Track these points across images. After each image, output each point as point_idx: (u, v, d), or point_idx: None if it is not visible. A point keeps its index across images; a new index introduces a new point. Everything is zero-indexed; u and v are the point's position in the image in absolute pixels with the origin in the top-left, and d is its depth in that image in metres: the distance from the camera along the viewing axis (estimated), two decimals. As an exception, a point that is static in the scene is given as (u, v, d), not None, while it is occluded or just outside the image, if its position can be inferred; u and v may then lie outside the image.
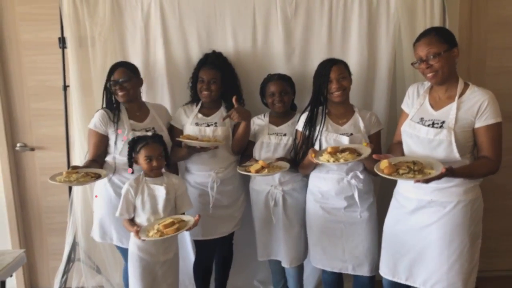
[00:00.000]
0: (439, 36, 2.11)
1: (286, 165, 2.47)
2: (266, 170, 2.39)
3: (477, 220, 2.17)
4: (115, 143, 2.54)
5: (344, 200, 2.46)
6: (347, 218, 2.49)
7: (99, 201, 2.64)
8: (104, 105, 2.63)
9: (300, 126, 2.55)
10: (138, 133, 2.55)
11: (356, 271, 2.54)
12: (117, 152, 2.55)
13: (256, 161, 2.55)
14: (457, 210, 2.11)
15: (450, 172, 1.96)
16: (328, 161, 2.21)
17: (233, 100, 2.55)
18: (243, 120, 2.56)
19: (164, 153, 2.46)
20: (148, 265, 2.40)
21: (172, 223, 2.23)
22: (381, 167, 2.04)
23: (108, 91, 2.60)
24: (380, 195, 2.64)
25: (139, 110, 2.66)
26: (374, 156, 2.14)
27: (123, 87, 2.55)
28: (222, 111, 2.72)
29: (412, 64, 2.21)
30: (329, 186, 2.48)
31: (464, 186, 2.11)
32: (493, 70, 3.07)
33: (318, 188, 2.53)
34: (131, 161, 2.44)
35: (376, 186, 2.62)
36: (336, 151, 2.24)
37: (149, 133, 2.55)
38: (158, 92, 2.93)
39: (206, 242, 2.74)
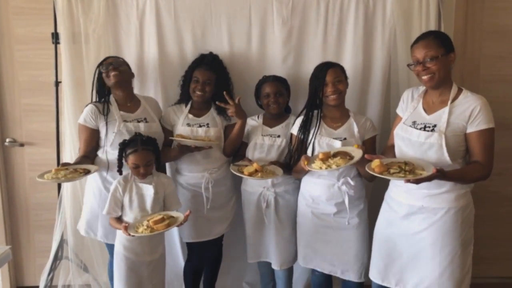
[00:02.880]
0: (437, 40, 2.11)
1: (280, 171, 2.47)
2: (259, 174, 2.38)
3: (468, 226, 2.17)
4: (106, 135, 2.52)
5: (334, 206, 2.45)
6: (336, 224, 2.48)
7: (89, 195, 2.63)
8: (95, 95, 2.61)
9: (295, 129, 2.54)
10: (130, 125, 2.54)
11: (344, 275, 2.53)
12: (108, 144, 2.52)
13: (250, 160, 2.55)
14: (448, 217, 2.11)
15: (441, 173, 1.95)
16: (321, 168, 2.20)
17: (224, 93, 2.54)
18: (238, 118, 2.56)
19: (155, 157, 2.42)
20: (134, 265, 2.37)
21: (162, 219, 2.21)
22: (372, 166, 2.04)
23: (99, 81, 2.58)
24: (372, 201, 2.63)
25: (130, 101, 2.64)
26: (366, 156, 2.13)
27: (115, 67, 2.52)
28: (212, 112, 2.71)
29: (408, 65, 2.21)
30: (319, 191, 2.47)
31: (455, 192, 2.11)
32: (487, 78, 3.09)
33: (309, 193, 2.52)
34: (121, 162, 2.42)
35: (367, 191, 2.61)
36: (328, 157, 2.23)
37: (141, 124, 2.54)
38: (151, 90, 2.90)
39: (199, 244, 2.72)
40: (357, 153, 2.23)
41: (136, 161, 2.34)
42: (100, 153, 2.58)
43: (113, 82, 2.53)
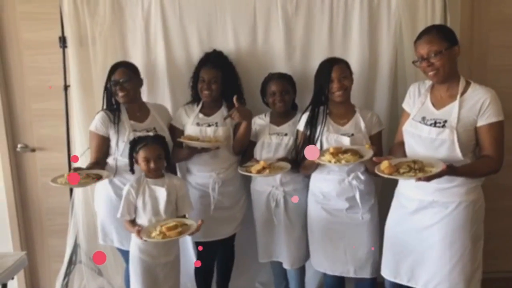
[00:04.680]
0: (440, 34, 2.09)
1: (287, 165, 2.46)
2: (267, 171, 2.38)
3: (479, 221, 2.16)
4: (117, 144, 2.53)
5: (345, 201, 2.45)
6: (348, 220, 2.48)
7: (99, 202, 2.64)
8: (105, 106, 2.61)
9: (301, 126, 2.54)
10: (139, 134, 2.54)
11: (357, 273, 2.52)
12: (118, 153, 2.54)
13: (257, 161, 2.54)
14: (458, 211, 2.10)
15: (451, 169, 1.95)
16: (330, 161, 2.20)
17: (234, 99, 2.54)
18: (244, 120, 2.55)
19: (164, 154, 2.44)
20: (149, 267, 2.38)
21: (176, 226, 2.22)
22: (381, 168, 2.03)
23: (109, 92, 2.59)
24: (382, 196, 2.61)
25: (139, 111, 2.65)
26: (374, 159, 2.12)
27: (123, 87, 2.53)
28: (223, 111, 2.71)
29: (413, 62, 2.20)
30: (330, 187, 2.47)
31: (466, 186, 2.09)
32: (494, 69, 3.05)
33: (319, 189, 2.51)
34: (132, 161, 2.43)
35: (377, 187, 2.60)
36: (338, 152, 2.23)
37: (151, 133, 2.54)
38: (159, 92, 2.91)
39: (208, 244, 2.72)
40: (367, 153, 2.24)
41: (146, 154, 2.35)
42: (110, 161, 2.58)
43: (122, 102, 2.57)
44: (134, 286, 2.41)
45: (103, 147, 2.57)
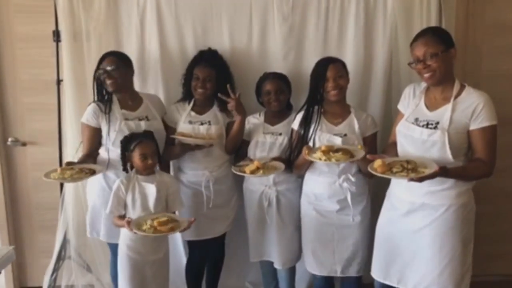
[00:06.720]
0: (436, 36, 2.10)
1: (281, 165, 2.46)
2: (261, 171, 2.38)
3: (469, 224, 2.17)
4: (108, 133, 2.52)
5: (336, 204, 2.45)
6: (339, 221, 2.48)
7: (92, 194, 2.63)
8: (96, 97, 2.61)
9: (295, 125, 2.54)
10: (131, 123, 2.54)
11: (344, 272, 2.53)
12: (110, 143, 2.53)
13: (251, 160, 2.54)
14: (448, 214, 2.10)
15: (444, 171, 1.95)
16: (320, 159, 2.20)
17: (228, 87, 2.53)
18: (237, 113, 2.55)
19: (156, 150, 2.43)
20: (138, 265, 2.37)
21: (167, 222, 2.20)
22: (374, 166, 2.04)
23: (99, 81, 2.58)
24: (374, 197, 2.62)
25: (131, 100, 2.64)
26: (368, 156, 2.13)
27: (111, 75, 2.52)
28: (215, 110, 2.71)
29: (409, 64, 2.20)
30: (321, 189, 2.47)
31: (457, 189, 2.10)
32: (489, 73, 3.05)
33: (311, 190, 2.52)
34: (124, 160, 2.42)
35: (369, 188, 2.60)
36: (330, 150, 2.23)
37: (142, 122, 2.56)
38: (152, 87, 2.90)
39: (200, 242, 2.71)
40: (359, 153, 2.24)
41: (143, 150, 2.34)
42: (101, 151, 2.58)
43: (110, 90, 2.56)
44: (122, 284, 2.39)
45: (95, 139, 2.57)
